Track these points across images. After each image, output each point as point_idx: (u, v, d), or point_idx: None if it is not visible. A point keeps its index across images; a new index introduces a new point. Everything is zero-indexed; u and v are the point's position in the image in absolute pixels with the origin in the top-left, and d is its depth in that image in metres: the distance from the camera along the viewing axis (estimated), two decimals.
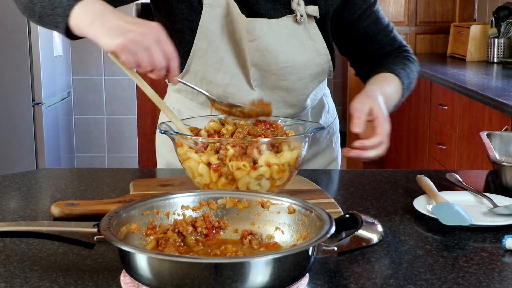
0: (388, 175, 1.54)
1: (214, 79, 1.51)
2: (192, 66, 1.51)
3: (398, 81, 1.50)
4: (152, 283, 0.84)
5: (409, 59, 1.58)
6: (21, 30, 3.70)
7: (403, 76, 1.52)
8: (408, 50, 1.61)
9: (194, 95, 1.57)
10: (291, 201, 1.03)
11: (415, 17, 5.03)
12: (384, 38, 1.58)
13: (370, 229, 0.94)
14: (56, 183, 1.49)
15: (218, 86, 1.52)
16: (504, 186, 1.40)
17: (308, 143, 1.27)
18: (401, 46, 1.60)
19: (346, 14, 1.53)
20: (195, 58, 1.49)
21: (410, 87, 1.56)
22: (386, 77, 1.51)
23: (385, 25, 1.58)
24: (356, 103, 1.29)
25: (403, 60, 1.57)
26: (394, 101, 1.50)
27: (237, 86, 1.51)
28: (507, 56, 4.20)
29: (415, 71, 1.58)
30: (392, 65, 1.54)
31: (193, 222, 1.02)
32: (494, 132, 1.63)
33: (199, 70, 1.51)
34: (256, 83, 1.52)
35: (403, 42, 1.61)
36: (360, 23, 1.54)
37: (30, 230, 0.96)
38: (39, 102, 3.79)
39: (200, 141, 1.22)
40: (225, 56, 1.49)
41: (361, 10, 1.53)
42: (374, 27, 1.56)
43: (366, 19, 1.54)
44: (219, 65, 1.49)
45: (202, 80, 1.52)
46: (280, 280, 0.85)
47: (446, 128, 3.59)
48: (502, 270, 1.00)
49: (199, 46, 1.48)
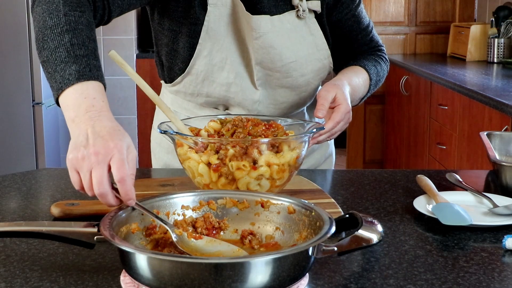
0: (388, 175, 1.54)
1: (217, 79, 1.51)
2: (195, 67, 1.51)
3: (367, 76, 1.57)
4: (152, 283, 0.84)
5: (382, 58, 1.66)
6: (21, 30, 3.70)
7: (373, 72, 1.59)
8: (382, 49, 1.68)
9: (193, 96, 1.57)
10: (291, 201, 1.03)
11: (415, 17, 5.03)
12: (363, 37, 1.64)
13: (370, 229, 0.94)
14: (56, 183, 1.49)
15: (221, 85, 1.52)
16: (504, 186, 1.40)
17: (308, 143, 1.27)
18: (377, 45, 1.68)
19: (335, 12, 1.56)
20: (199, 59, 1.50)
21: (378, 84, 1.64)
22: (356, 69, 1.57)
23: (366, 25, 1.63)
24: (322, 91, 1.39)
25: (376, 58, 1.64)
26: (361, 93, 1.56)
27: (240, 85, 1.52)
28: (507, 56, 4.20)
29: (385, 70, 1.66)
30: (364, 60, 1.61)
31: (193, 222, 1.02)
32: (494, 132, 1.63)
33: (202, 70, 1.51)
34: (260, 82, 1.52)
35: (379, 42, 1.69)
36: (345, 22, 1.59)
37: (30, 230, 0.96)
38: (39, 102, 3.79)
39: (200, 141, 1.22)
40: (229, 55, 1.50)
41: (348, 9, 1.58)
42: (356, 27, 1.61)
43: (351, 18, 1.59)
44: (223, 64, 1.50)
45: (204, 80, 1.52)
46: (280, 280, 0.85)
47: (446, 128, 3.59)
48: (502, 270, 1.00)
49: (203, 46, 1.48)
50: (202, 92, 1.54)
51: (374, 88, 1.62)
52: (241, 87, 1.52)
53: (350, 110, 1.41)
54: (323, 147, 1.71)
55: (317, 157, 1.69)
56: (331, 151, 1.76)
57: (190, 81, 1.53)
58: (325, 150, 1.72)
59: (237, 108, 1.55)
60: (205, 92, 1.54)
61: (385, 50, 1.69)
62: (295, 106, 1.60)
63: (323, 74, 1.60)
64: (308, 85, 1.57)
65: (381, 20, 4.97)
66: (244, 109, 1.55)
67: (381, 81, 1.66)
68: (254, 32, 1.46)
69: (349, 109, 1.40)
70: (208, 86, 1.53)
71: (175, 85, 1.57)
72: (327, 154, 1.73)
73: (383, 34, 4.95)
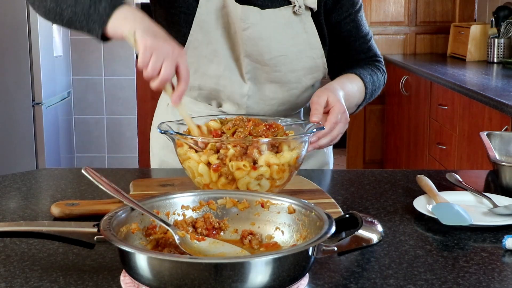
0: (388, 175, 1.54)
1: (207, 71, 1.54)
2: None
3: (362, 83, 1.56)
4: (152, 283, 0.84)
5: (379, 68, 1.65)
6: (21, 30, 3.70)
7: (368, 80, 1.58)
8: (380, 60, 1.67)
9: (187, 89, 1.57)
10: (291, 201, 1.03)
11: (415, 17, 5.03)
12: (361, 45, 1.63)
13: (370, 229, 0.94)
14: (56, 183, 1.49)
15: (211, 78, 1.54)
16: (504, 186, 1.40)
17: (308, 143, 1.27)
18: (375, 55, 1.66)
19: (334, 14, 1.56)
20: (190, 50, 1.52)
21: (374, 94, 1.62)
22: (350, 76, 1.56)
23: (365, 33, 1.62)
24: (314, 97, 1.39)
25: (373, 68, 1.62)
26: (356, 99, 1.55)
27: (229, 78, 1.53)
28: (507, 56, 4.20)
29: (382, 81, 1.64)
30: (360, 69, 1.59)
31: (194, 222, 1.02)
32: (494, 132, 1.63)
33: (193, 62, 1.53)
34: (249, 76, 1.53)
35: (377, 52, 1.67)
36: (343, 26, 1.58)
37: (30, 230, 0.96)
38: (39, 102, 3.79)
39: (201, 141, 1.22)
40: (218, 47, 1.52)
41: (348, 13, 1.57)
42: (355, 33, 1.60)
43: (350, 23, 1.59)
44: (213, 56, 1.52)
45: (196, 72, 1.54)
46: (280, 280, 0.85)
47: (446, 128, 3.59)
48: (502, 270, 1.00)
49: (194, 37, 1.51)
50: (195, 85, 1.57)
51: (370, 97, 1.61)
52: (230, 80, 1.53)
53: (345, 110, 1.39)
54: (318, 155, 1.68)
55: (313, 163, 1.67)
56: (328, 160, 1.73)
57: None
58: (320, 158, 1.69)
59: (228, 103, 1.57)
60: (197, 84, 1.56)
61: (383, 62, 1.68)
62: (286, 104, 1.59)
63: (317, 74, 1.59)
64: (299, 83, 1.57)
65: (381, 20, 4.97)
66: (234, 104, 1.56)
67: (377, 91, 1.64)
68: (242, 22, 1.47)
69: (344, 109, 1.39)
70: (199, 78, 1.55)
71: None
72: (323, 162, 1.70)
73: (383, 34, 4.95)
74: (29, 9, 3.70)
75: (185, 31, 1.52)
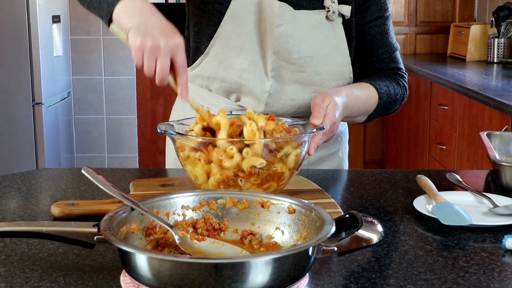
0: (388, 175, 1.54)
1: (233, 63, 1.54)
2: (214, 48, 1.54)
3: (375, 93, 1.53)
4: (152, 283, 0.84)
5: (399, 82, 1.61)
6: (21, 30, 3.70)
7: (383, 92, 1.55)
8: (403, 75, 1.63)
9: (209, 80, 1.58)
10: (291, 201, 1.03)
11: (415, 17, 5.03)
12: (384, 53, 1.61)
13: (370, 229, 0.94)
14: (56, 183, 1.49)
15: (235, 71, 1.54)
16: (504, 186, 1.40)
17: (308, 143, 1.27)
18: (398, 68, 1.63)
19: (359, 16, 1.57)
20: (218, 40, 1.53)
21: (389, 108, 1.59)
22: (364, 85, 1.55)
23: (390, 42, 1.61)
24: (317, 99, 1.40)
25: (391, 81, 1.59)
26: (363, 108, 1.53)
27: (253, 72, 1.53)
28: (507, 56, 4.20)
29: (400, 95, 1.60)
30: (378, 79, 1.57)
31: (194, 223, 1.02)
32: (494, 132, 1.63)
33: (219, 53, 1.54)
34: (274, 73, 1.53)
35: (401, 66, 1.64)
36: (368, 30, 1.58)
37: (30, 230, 0.96)
38: (39, 102, 3.79)
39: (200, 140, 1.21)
40: (247, 41, 1.52)
41: (373, 16, 1.57)
42: (379, 39, 1.59)
43: (374, 28, 1.58)
44: (240, 49, 1.53)
45: (220, 64, 1.55)
46: (280, 280, 0.85)
47: (446, 128, 3.59)
48: (502, 270, 1.00)
49: (224, 28, 1.52)
50: (218, 76, 1.56)
51: (384, 109, 1.57)
52: (254, 75, 1.53)
53: (335, 122, 1.38)
54: (333, 158, 1.67)
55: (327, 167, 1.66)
56: (342, 165, 1.71)
57: (208, 62, 1.56)
58: (334, 163, 1.68)
59: (248, 97, 1.55)
60: (220, 76, 1.56)
61: (406, 78, 1.63)
62: (305, 107, 1.56)
63: (341, 81, 1.57)
64: (321, 86, 1.55)
65: None
66: (254, 99, 1.55)
67: (394, 105, 1.60)
68: (277, 19, 1.49)
69: (334, 121, 1.38)
70: (223, 70, 1.55)
71: (194, 69, 1.60)
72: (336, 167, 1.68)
73: None
74: (29, 9, 3.71)
75: (217, 21, 1.53)
